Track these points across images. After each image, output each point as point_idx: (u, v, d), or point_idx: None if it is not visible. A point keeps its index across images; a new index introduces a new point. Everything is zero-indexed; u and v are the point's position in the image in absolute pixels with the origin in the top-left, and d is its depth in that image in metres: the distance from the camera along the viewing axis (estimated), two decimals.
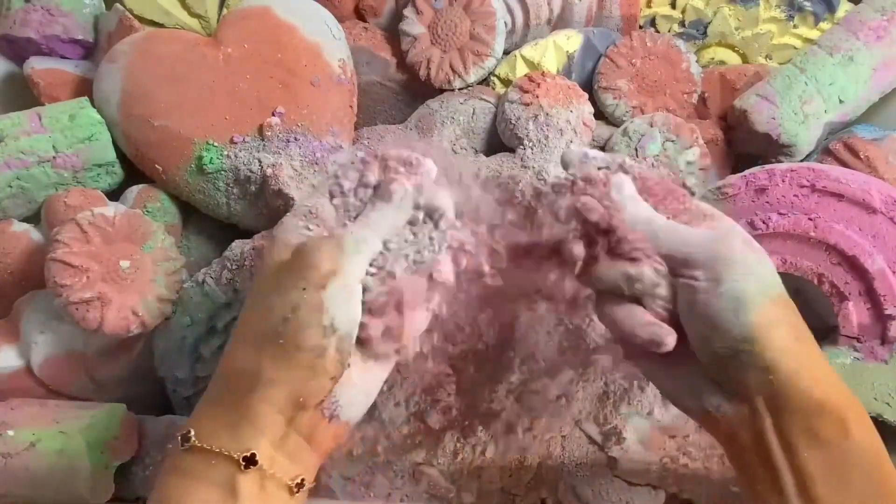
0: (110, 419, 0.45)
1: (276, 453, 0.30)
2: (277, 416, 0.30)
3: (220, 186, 0.52)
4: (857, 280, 0.46)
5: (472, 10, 0.55)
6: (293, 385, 0.30)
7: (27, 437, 0.42)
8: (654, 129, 0.53)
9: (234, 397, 0.31)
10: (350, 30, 0.57)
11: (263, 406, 0.30)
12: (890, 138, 0.52)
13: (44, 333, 0.49)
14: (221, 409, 0.31)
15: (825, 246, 0.46)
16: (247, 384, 0.30)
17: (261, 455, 0.30)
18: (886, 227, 0.45)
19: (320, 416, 0.31)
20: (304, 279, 0.31)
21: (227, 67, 0.51)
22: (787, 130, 0.53)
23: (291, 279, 0.31)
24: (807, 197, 0.47)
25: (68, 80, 0.56)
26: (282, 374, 0.30)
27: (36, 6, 0.56)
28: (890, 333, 0.46)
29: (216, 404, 0.31)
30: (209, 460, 0.30)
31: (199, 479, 0.30)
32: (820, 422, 0.30)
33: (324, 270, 0.31)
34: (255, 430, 0.30)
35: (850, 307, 0.46)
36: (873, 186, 0.46)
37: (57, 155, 0.51)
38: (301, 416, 0.31)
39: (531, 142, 0.52)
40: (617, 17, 0.60)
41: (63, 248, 0.45)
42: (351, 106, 0.54)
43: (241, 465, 0.29)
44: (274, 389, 0.30)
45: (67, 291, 0.44)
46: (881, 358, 0.46)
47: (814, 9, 0.60)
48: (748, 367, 0.31)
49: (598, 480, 0.49)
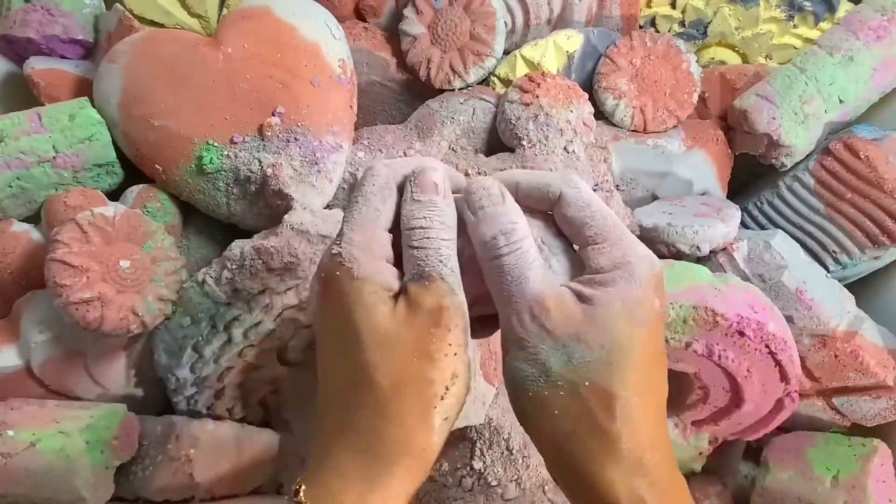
0: (110, 419, 0.45)
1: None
2: (412, 485, 0.30)
3: (220, 186, 0.52)
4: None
5: (472, 10, 0.55)
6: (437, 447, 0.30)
7: (27, 437, 0.42)
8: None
9: (400, 476, 0.29)
10: (350, 30, 0.57)
11: (406, 477, 0.29)
12: (890, 138, 0.52)
13: (44, 333, 0.48)
14: (388, 493, 0.29)
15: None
16: (418, 462, 0.29)
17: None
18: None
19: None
20: (451, 344, 0.29)
21: (227, 67, 0.51)
22: (787, 130, 0.53)
23: (438, 348, 0.29)
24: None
25: (68, 80, 0.56)
26: (442, 440, 0.30)
27: (36, 6, 0.56)
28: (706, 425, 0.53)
29: (378, 486, 0.29)
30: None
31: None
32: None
33: (461, 327, 0.30)
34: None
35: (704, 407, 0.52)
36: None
37: (57, 155, 0.51)
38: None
39: (531, 142, 0.52)
40: (617, 17, 0.60)
41: (63, 248, 0.45)
42: (351, 106, 0.54)
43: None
44: (425, 456, 0.29)
45: (67, 291, 0.44)
46: (685, 437, 0.55)
47: (814, 9, 0.60)
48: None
49: None
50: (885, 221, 0.52)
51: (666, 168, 0.56)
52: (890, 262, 0.55)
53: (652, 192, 0.58)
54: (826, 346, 0.50)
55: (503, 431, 0.52)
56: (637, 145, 0.56)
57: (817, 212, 0.54)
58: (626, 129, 0.57)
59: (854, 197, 0.52)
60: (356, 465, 0.29)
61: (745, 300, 0.47)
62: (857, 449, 0.50)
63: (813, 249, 0.55)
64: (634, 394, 0.29)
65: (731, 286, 0.48)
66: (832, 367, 0.51)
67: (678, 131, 0.57)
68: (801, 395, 0.52)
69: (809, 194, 0.54)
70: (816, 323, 0.50)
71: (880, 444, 0.50)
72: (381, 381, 0.29)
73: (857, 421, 0.53)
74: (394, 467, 0.29)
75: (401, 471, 0.29)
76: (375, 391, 0.29)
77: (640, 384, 0.29)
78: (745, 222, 0.58)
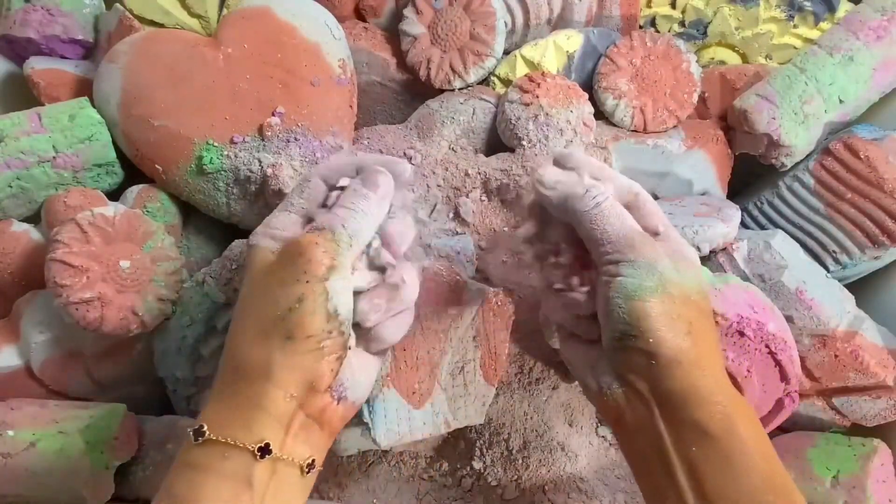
0: (110, 419, 0.45)
1: (287, 438, 0.32)
2: (290, 402, 0.31)
3: (220, 186, 0.52)
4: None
5: (472, 10, 0.55)
6: (304, 369, 0.32)
7: (27, 437, 0.42)
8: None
9: (246, 389, 0.31)
10: (350, 30, 0.57)
11: (277, 393, 0.31)
12: (890, 138, 0.52)
13: (44, 333, 0.48)
14: (233, 402, 0.32)
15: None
16: (258, 374, 0.31)
17: (274, 442, 0.31)
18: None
19: (330, 399, 0.33)
20: (304, 272, 0.32)
21: (227, 67, 0.51)
22: (787, 130, 0.53)
23: (293, 273, 0.32)
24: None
25: (68, 80, 0.56)
26: (291, 360, 0.31)
27: (36, 6, 0.56)
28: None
29: (226, 398, 0.32)
30: (223, 453, 0.30)
31: (213, 473, 0.30)
32: (705, 415, 0.31)
33: (324, 265, 0.32)
34: (270, 418, 0.31)
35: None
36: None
37: (57, 155, 0.51)
38: (313, 399, 0.32)
39: (531, 142, 0.52)
40: (617, 17, 0.60)
41: (63, 248, 0.45)
42: (351, 106, 0.54)
43: (257, 455, 0.30)
44: (285, 375, 0.31)
45: (67, 291, 0.44)
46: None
47: (814, 9, 0.60)
48: (631, 351, 0.33)
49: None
50: (885, 221, 0.52)
51: (666, 168, 0.56)
52: (890, 262, 0.55)
53: (652, 192, 0.58)
54: (826, 346, 0.50)
55: (503, 431, 0.52)
56: (637, 145, 0.56)
57: (817, 212, 0.54)
58: (626, 129, 0.57)
59: (854, 197, 0.52)
60: (218, 387, 0.33)
61: (745, 300, 0.47)
62: (857, 449, 0.50)
63: (813, 249, 0.55)
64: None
65: (730, 286, 0.48)
66: (832, 367, 0.51)
67: (678, 131, 0.57)
68: (801, 395, 0.52)
69: (809, 194, 0.54)
70: (816, 323, 0.50)
71: (880, 444, 0.50)
72: (241, 305, 0.34)
73: (857, 421, 0.53)
74: (240, 379, 0.32)
75: (244, 382, 0.32)
76: (237, 316, 0.34)
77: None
78: (745, 222, 0.58)
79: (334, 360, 0.33)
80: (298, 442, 0.32)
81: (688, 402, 0.31)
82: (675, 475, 0.32)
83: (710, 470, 0.31)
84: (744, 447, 0.31)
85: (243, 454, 0.30)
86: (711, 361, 0.33)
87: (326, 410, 0.33)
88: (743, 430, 0.31)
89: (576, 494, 0.51)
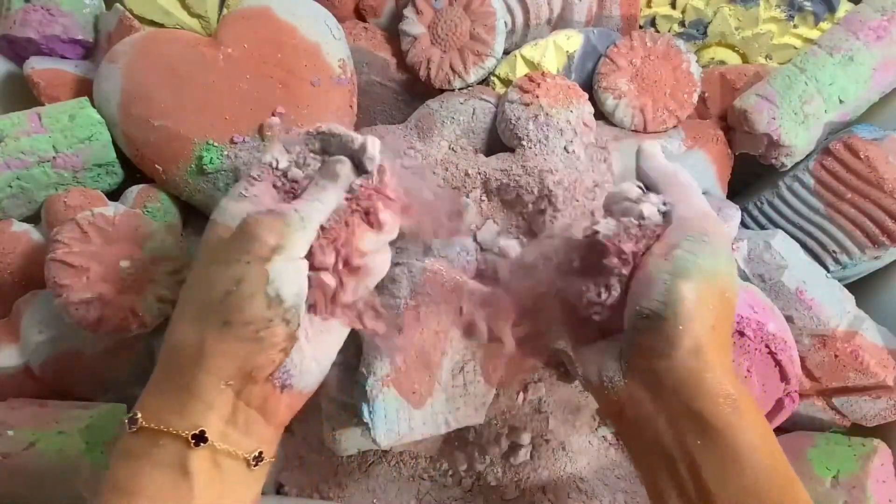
0: (110, 419, 0.45)
1: (227, 428, 0.30)
2: (225, 390, 0.30)
3: (220, 186, 0.52)
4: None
5: (472, 10, 0.55)
6: (240, 358, 0.30)
7: (27, 437, 0.42)
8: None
9: (179, 374, 0.30)
10: (350, 30, 0.57)
11: (209, 379, 0.30)
12: (890, 138, 0.52)
13: (44, 333, 0.48)
14: (167, 388, 0.30)
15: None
16: (190, 359, 0.30)
17: (210, 431, 0.29)
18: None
19: (272, 388, 0.31)
20: (247, 252, 0.30)
21: (227, 67, 0.51)
22: (787, 130, 0.53)
23: (234, 252, 0.31)
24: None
25: (68, 80, 0.56)
26: (226, 347, 0.30)
27: (36, 6, 0.56)
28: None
29: (161, 383, 0.31)
30: (157, 440, 0.29)
31: (149, 461, 0.29)
32: (710, 408, 0.30)
33: (269, 244, 0.31)
34: (203, 406, 0.30)
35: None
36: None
37: (57, 155, 0.51)
38: (251, 388, 0.31)
39: (531, 142, 0.52)
40: (617, 17, 0.60)
41: (63, 248, 0.45)
42: (351, 106, 0.54)
43: (191, 442, 0.29)
44: (219, 362, 0.30)
45: (67, 291, 0.44)
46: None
47: (814, 9, 0.60)
48: (653, 334, 0.31)
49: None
50: (885, 221, 0.52)
51: None
52: (890, 262, 0.55)
53: None
54: (826, 346, 0.51)
55: (503, 432, 0.52)
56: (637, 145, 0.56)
57: (817, 212, 0.54)
58: (626, 129, 0.57)
59: (854, 197, 0.52)
60: (156, 373, 0.32)
61: (745, 300, 0.47)
62: (857, 449, 0.50)
63: (813, 249, 0.55)
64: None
65: None
66: (832, 367, 0.51)
67: (678, 131, 0.57)
68: (801, 395, 0.52)
69: (809, 194, 0.54)
70: (816, 323, 0.50)
71: (880, 444, 0.50)
72: (185, 285, 0.33)
73: (857, 421, 0.53)
74: (172, 364, 0.31)
75: (176, 366, 0.30)
76: (180, 297, 0.32)
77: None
78: (745, 222, 0.58)
79: (276, 353, 0.31)
80: (240, 433, 0.31)
81: (694, 394, 0.31)
82: (676, 469, 0.31)
83: (711, 463, 0.30)
84: (747, 441, 0.30)
85: (177, 441, 0.29)
86: (723, 358, 0.32)
87: (269, 401, 0.31)
88: (747, 424, 0.31)
89: (576, 494, 0.51)
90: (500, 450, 0.52)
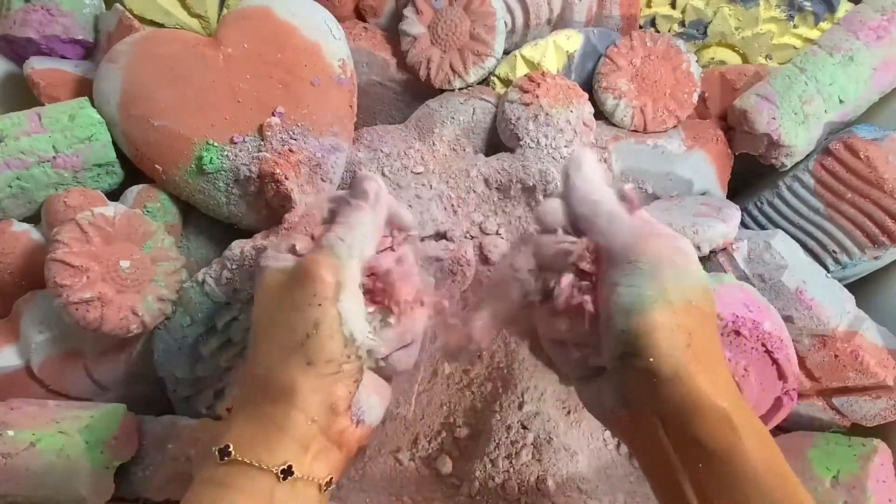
0: (110, 419, 0.45)
1: (307, 458, 0.32)
2: (312, 426, 0.32)
3: (220, 186, 0.52)
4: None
5: (472, 10, 0.55)
6: (324, 393, 0.32)
7: (27, 437, 0.42)
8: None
9: (271, 411, 0.32)
10: (350, 30, 0.57)
11: (299, 416, 0.32)
12: (890, 138, 0.52)
13: (43, 333, 0.48)
14: (257, 423, 0.32)
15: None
16: (282, 398, 0.32)
17: (296, 465, 0.31)
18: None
19: (349, 422, 0.34)
20: (314, 294, 0.32)
21: (227, 67, 0.51)
22: (787, 130, 0.53)
23: (304, 296, 0.33)
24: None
25: (68, 80, 0.56)
26: (313, 384, 0.32)
27: (36, 6, 0.56)
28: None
29: (251, 418, 0.33)
30: (247, 473, 0.31)
31: (236, 491, 0.31)
32: (707, 432, 0.30)
33: (332, 284, 0.33)
34: (292, 441, 0.32)
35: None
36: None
37: (57, 155, 0.51)
38: (334, 422, 0.33)
39: (531, 142, 0.52)
40: (617, 17, 0.60)
41: (63, 248, 0.45)
42: (351, 106, 0.54)
43: (280, 476, 0.31)
44: (307, 399, 0.32)
45: (67, 291, 0.44)
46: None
47: (814, 9, 0.60)
48: (633, 371, 0.31)
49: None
50: (885, 221, 0.52)
51: (666, 168, 0.56)
52: (890, 262, 0.55)
53: (652, 192, 0.58)
54: (826, 346, 0.50)
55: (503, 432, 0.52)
56: (637, 145, 0.56)
57: (817, 212, 0.54)
58: (626, 129, 0.57)
59: (854, 197, 0.52)
60: (242, 408, 0.33)
61: (741, 299, 0.47)
62: (857, 449, 0.50)
63: (813, 249, 0.55)
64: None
65: (726, 285, 0.48)
66: (832, 367, 0.51)
67: (678, 131, 0.57)
68: (801, 395, 0.52)
69: (809, 194, 0.54)
70: (816, 323, 0.50)
71: (880, 444, 0.50)
72: (257, 330, 0.34)
73: (857, 421, 0.53)
74: (262, 403, 0.33)
75: (267, 405, 0.32)
76: (254, 340, 0.34)
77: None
78: (745, 222, 0.58)
79: (352, 384, 0.34)
80: (318, 463, 0.33)
81: (689, 420, 0.31)
82: (684, 492, 0.31)
83: (715, 487, 0.30)
84: (748, 463, 0.30)
85: (267, 475, 0.31)
86: (712, 372, 0.32)
87: (345, 433, 0.34)
88: (747, 443, 0.30)
89: (576, 494, 0.51)
90: (501, 450, 0.52)
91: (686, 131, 0.57)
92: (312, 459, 0.33)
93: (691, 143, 0.56)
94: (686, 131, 0.57)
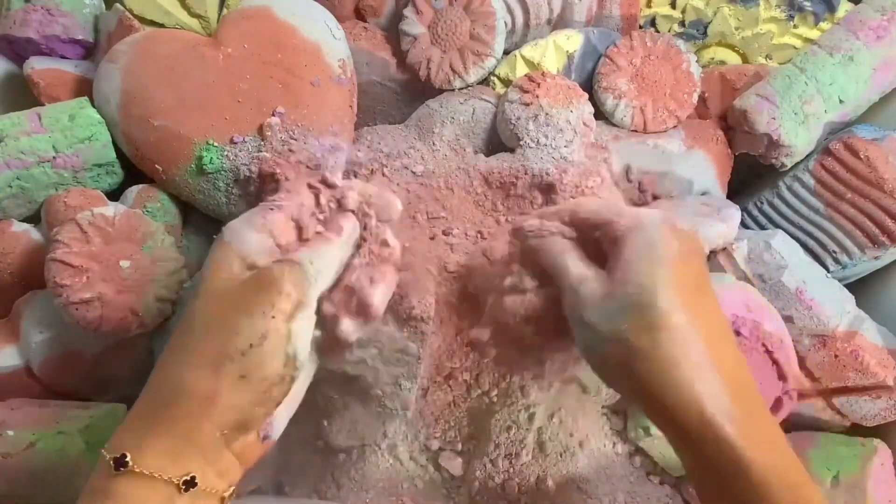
0: (110, 419, 0.45)
1: (211, 472, 0.31)
2: (220, 439, 0.30)
3: (220, 186, 0.52)
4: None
5: (472, 10, 0.55)
6: (244, 410, 0.31)
7: (27, 437, 0.42)
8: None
9: (180, 419, 0.30)
10: (350, 30, 0.57)
11: (210, 428, 0.30)
12: (890, 138, 0.52)
13: (44, 333, 0.49)
14: (161, 430, 0.30)
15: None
16: (196, 406, 0.30)
17: (199, 477, 0.30)
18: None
19: (256, 438, 0.32)
20: (271, 305, 0.31)
21: (227, 67, 0.51)
22: (787, 130, 0.53)
23: (259, 305, 0.31)
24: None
25: (68, 80, 0.56)
26: (236, 400, 0.30)
27: (36, 6, 0.56)
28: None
29: (153, 423, 0.30)
30: (145, 484, 0.29)
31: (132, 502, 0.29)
32: (742, 469, 0.31)
33: (293, 300, 0.31)
34: (199, 454, 0.30)
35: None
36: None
37: (57, 155, 0.51)
38: (242, 438, 0.32)
39: (531, 142, 0.52)
40: (617, 17, 0.60)
41: (63, 248, 0.45)
42: (351, 106, 0.54)
43: (181, 488, 0.29)
44: (225, 414, 0.30)
45: (67, 291, 0.44)
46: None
47: (814, 9, 0.60)
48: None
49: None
50: (885, 221, 0.52)
51: (666, 168, 0.56)
52: (890, 262, 0.55)
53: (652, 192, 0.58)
54: (826, 346, 0.51)
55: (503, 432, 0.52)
56: (637, 145, 0.56)
57: (817, 212, 0.54)
58: (626, 129, 0.57)
59: (854, 197, 0.52)
60: (146, 410, 0.31)
61: (741, 300, 0.47)
62: (857, 449, 0.50)
63: (813, 249, 0.55)
64: (675, 322, 0.31)
65: (725, 286, 0.48)
66: (832, 367, 0.51)
67: (678, 131, 0.57)
68: (801, 395, 0.52)
69: (809, 194, 0.54)
70: (816, 323, 0.50)
71: (880, 444, 0.50)
72: (196, 321, 0.32)
73: (857, 421, 0.53)
74: (173, 407, 0.30)
75: (178, 411, 0.30)
76: (186, 329, 0.32)
77: (680, 313, 0.31)
78: (745, 222, 0.58)
79: (273, 407, 0.32)
80: (220, 476, 0.31)
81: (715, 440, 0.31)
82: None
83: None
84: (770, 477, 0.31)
85: (167, 487, 0.29)
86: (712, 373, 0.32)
87: (249, 447, 0.32)
88: (759, 446, 0.32)
89: (576, 494, 0.51)
90: (501, 451, 0.52)
91: (686, 131, 0.57)
92: (215, 472, 0.31)
93: (691, 144, 0.56)
94: (686, 131, 0.57)
